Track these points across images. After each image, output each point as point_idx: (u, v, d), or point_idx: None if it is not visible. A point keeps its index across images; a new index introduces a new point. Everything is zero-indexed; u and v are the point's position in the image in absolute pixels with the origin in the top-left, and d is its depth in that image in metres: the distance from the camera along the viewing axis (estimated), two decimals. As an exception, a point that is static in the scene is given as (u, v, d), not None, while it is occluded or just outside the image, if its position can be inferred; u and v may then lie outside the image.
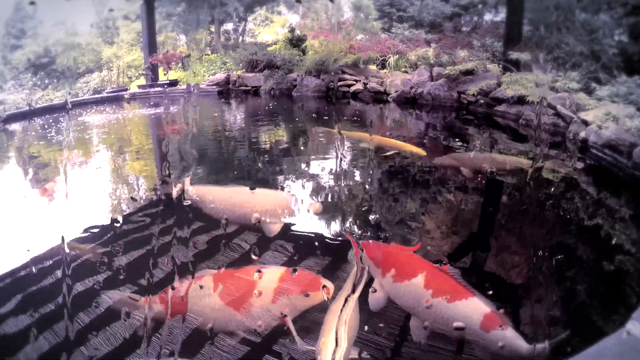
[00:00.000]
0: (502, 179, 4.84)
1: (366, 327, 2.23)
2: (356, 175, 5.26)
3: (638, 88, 6.60)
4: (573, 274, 2.99)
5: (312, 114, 10.51)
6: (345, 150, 6.23)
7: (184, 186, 3.51)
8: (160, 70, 15.20)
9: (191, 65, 16.32)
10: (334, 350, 1.87)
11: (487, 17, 16.66)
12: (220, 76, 14.04)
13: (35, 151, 6.85)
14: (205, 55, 18.16)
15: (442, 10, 16.31)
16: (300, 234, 3.40)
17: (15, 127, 9.53)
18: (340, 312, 2.07)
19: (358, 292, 2.27)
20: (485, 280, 2.84)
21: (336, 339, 1.92)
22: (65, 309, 2.38)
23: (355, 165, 5.69)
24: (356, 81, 12.37)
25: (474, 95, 9.58)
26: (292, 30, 15.46)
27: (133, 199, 4.46)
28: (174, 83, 14.27)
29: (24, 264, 2.96)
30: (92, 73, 19.14)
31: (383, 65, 13.32)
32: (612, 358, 1.48)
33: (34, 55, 19.47)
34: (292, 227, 3.40)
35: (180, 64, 16.19)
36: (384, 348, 2.18)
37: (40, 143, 7.52)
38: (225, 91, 13.71)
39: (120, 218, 3.87)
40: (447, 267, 2.43)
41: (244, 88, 13.65)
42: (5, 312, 2.55)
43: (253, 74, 13.71)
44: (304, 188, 4.63)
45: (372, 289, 2.39)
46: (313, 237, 3.40)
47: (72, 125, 8.80)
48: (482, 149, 6.54)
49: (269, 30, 21.25)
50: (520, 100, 8.23)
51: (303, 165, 5.55)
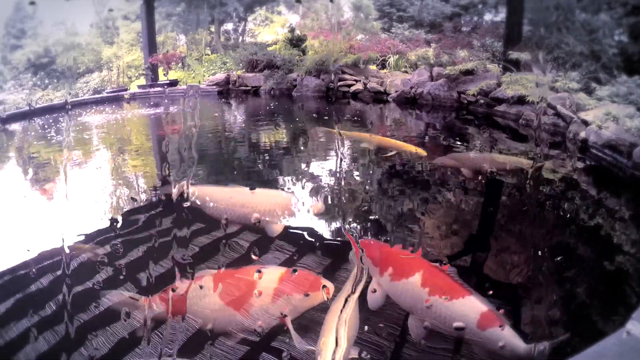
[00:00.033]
0: (502, 179, 4.83)
1: (366, 327, 2.23)
2: (356, 176, 5.25)
3: (638, 88, 6.60)
4: (573, 274, 2.99)
5: (313, 114, 10.50)
6: (346, 150, 6.22)
7: (184, 187, 3.51)
8: (160, 70, 15.21)
9: (191, 65, 16.32)
10: (334, 351, 1.87)
11: (487, 17, 16.68)
12: (220, 76, 14.04)
13: (35, 151, 6.85)
14: (205, 55, 18.17)
15: (442, 10, 16.32)
16: (301, 234, 3.39)
17: (15, 127, 9.53)
18: (340, 312, 2.07)
19: (358, 292, 2.27)
20: (485, 281, 2.84)
21: (336, 339, 1.92)
22: (65, 309, 2.38)
23: (356, 165, 5.68)
24: (356, 81, 12.37)
25: (474, 95, 9.58)
26: (292, 30, 15.46)
27: (133, 199, 4.46)
28: (173, 83, 14.28)
29: (24, 264, 2.96)
30: (92, 73, 19.14)
31: (383, 65, 13.32)
32: (612, 358, 1.48)
33: (34, 55, 19.48)
34: (292, 227, 3.39)
35: (180, 64, 16.19)
36: (384, 348, 2.18)
37: (40, 143, 7.52)
38: (225, 91, 13.71)
39: (119, 218, 3.87)
40: (447, 267, 2.43)
41: (244, 88, 13.65)
42: (5, 312, 2.55)
43: (253, 74, 13.71)
44: (303, 188, 4.63)
45: (371, 289, 2.39)
46: (313, 236, 3.40)
47: (72, 125, 8.79)
48: (482, 149, 6.54)
49: (269, 30, 21.25)
50: (520, 100, 8.23)
51: (303, 165, 5.55)
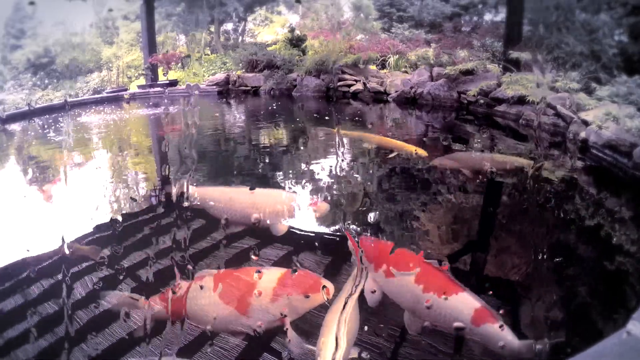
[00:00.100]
0: (502, 179, 4.83)
1: (366, 327, 2.24)
2: (356, 176, 5.25)
3: (638, 88, 6.59)
4: (573, 274, 2.99)
5: (313, 114, 10.50)
6: (346, 150, 6.22)
7: (184, 187, 3.50)
8: (159, 70, 15.20)
9: (190, 65, 16.32)
10: (334, 351, 1.86)
11: (487, 17, 16.68)
12: (220, 76, 14.04)
13: (35, 151, 6.84)
14: (205, 55, 18.16)
15: (442, 10, 16.32)
16: (301, 234, 3.39)
17: (15, 127, 9.53)
18: (340, 313, 2.07)
19: (358, 292, 2.27)
20: (484, 280, 2.84)
21: (336, 339, 1.92)
22: (65, 309, 2.38)
23: (356, 165, 5.68)
24: (356, 81, 12.36)
25: (474, 95, 9.58)
26: (292, 30, 15.46)
27: (133, 199, 4.46)
28: (173, 83, 14.28)
29: (24, 264, 2.96)
30: (92, 73, 19.15)
31: (383, 65, 13.32)
32: (613, 358, 1.48)
33: (34, 55, 19.48)
34: (292, 227, 3.39)
35: (179, 64, 16.20)
36: (384, 349, 2.18)
37: (39, 143, 7.51)
38: (225, 91, 13.71)
39: (119, 218, 3.87)
40: (447, 267, 2.42)
41: (243, 88, 13.65)
42: (5, 312, 2.55)
43: (253, 74, 13.71)
44: (303, 188, 4.63)
45: (371, 290, 2.40)
46: (313, 236, 3.40)
47: (71, 125, 8.79)
48: (482, 149, 6.54)
49: (268, 30, 21.26)
50: (521, 101, 8.22)
51: (303, 166, 5.55)
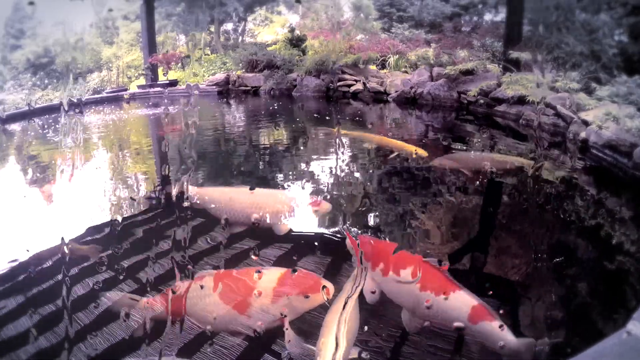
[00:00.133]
0: (502, 179, 4.83)
1: (366, 328, 2.23)
2: (356, 175, 5.24)
3: (638, 88, 6.59)
4: (573, 274, 2.99)
5: (313, 114, 10.50)
6: (346, 150, 6.22)
7: (183, 187, 3.50)
8: (159, 70, 15.20)
9: (190, 65, 16.32)
10: (334, 351, 1.86)
11: (487, 17, 16.69)
12: (220, 76, 14.03)
13: (35, 151, 6.84)
14: (205, 55, 18.16)
15: (442, 10, 16.32)
16: (300, 234, 3.39)
17: (15, 127, 9.52)
18: (340, 313, 2.07)
19: (357, 293, 2.27)
20: (484, 280, 2.84)
21: (336, 339, 1.92)
22: (65, 310, 2.38)
23: (356, 165, 5.67)
24: (356, 81, 12.37)
25: (474, 95, 9.57)
26: (292, 30, 15.46)
27: (133, 199, 4.46)
28: (173, 83, 14.28)
29: (24, 263, 2.96)
30: (92, 73, 19.14)
31: (383, 65, 13.32)
32: (613, 358, 1.48)
33: (34, 56, 19.48)
34: (292, 227, 3.38)
35: (179, 64, 16.20)
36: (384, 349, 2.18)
37: (39, 143, 7.51)
38: (225, 91, 13.70)
39: (119, 218, 3.87)
40: (447, 267, 2.42)
41: (243, 88, 13.65)
42: (5, 311, 2.55)
43: (253, 74, 13.70)
44: (303, 188, 4.63)
45: (371, 290, 2.40)
46: (313, 236, 3.40)
47: (70, 125, 8.78)
48: (482, 149, 6.53)
49: (268, 30, 21.26)
50: (521, 101, 8.22)
51: (303, 165, 5.55)
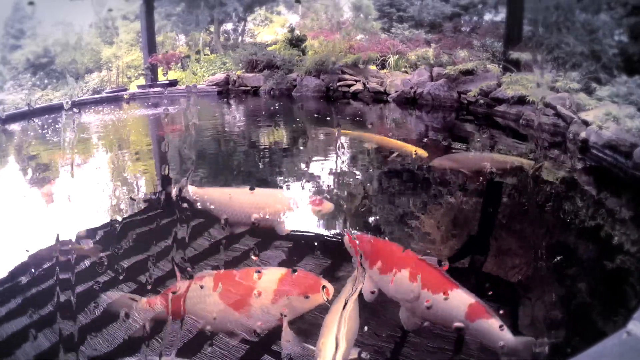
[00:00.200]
0: (502, 179, 4.83)
1: (366, 328, 2.23)
2: (356, 175, 5.24)
3: (638, 88, 6.58)
4: (573, 274, 2.99)
5: (313, 114, 10.50)
6: (346, 150, 6.21)
7: (183, 187, 3.50)
8: (159, 70, 15.20)
9: (190, 65, 16.32)
10: (334, 351, 1.86)
11: (487, 17, 16.70)
12: (220, 76, 14.02)
13: (34, 151, 6.84)
14: (205, 55, 18.16)
15: (442, 10, 16.32)
16: (300, 234, 3.39)
17: (15, 127, 9.52)
18: (340, 313, 2.06)
19: (357, 293, 2.27)
20: (484, 281, 2.84)
21: (336, 339, 1.91)
22: (65, 310, 2.37)
23: (355, 165, 5.67)
24: (356, 81, 12.36)
25: (474, 95, 9.57)
26: (291, 30, 15.46)
27: (132, 199, 4.46)
28: (173, 83, 14.27)
29: (23, 264, 2.96)
30: (92, 73, 19.14)
31: (383, 65, 13.31)
32: (613, 358, 1.48)
33: (33, 56, 19.48)
34: (292, 227, 3.38)
35: (179, 64, 16.20)
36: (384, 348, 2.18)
37: (39, 143, 7.51)
38: (225, 91, 13.70)
39: (119, 218, 3.87)
40: (447, 267, 2.42)
41: (243, 88, 13.64)
42: (5, 312, 2.55)
43: (253, 74, 13.70)
44: (303, 188, 4.62)
45: (370, 290, 2.39)
46: (313, 236, 3.39)
47: (69, 126, 8.78)
48: (482, 149, 6.53)
49: (268, 30, 21.27)
50: (521, 101, 8.21)
51: (303, 165, 5.54)
